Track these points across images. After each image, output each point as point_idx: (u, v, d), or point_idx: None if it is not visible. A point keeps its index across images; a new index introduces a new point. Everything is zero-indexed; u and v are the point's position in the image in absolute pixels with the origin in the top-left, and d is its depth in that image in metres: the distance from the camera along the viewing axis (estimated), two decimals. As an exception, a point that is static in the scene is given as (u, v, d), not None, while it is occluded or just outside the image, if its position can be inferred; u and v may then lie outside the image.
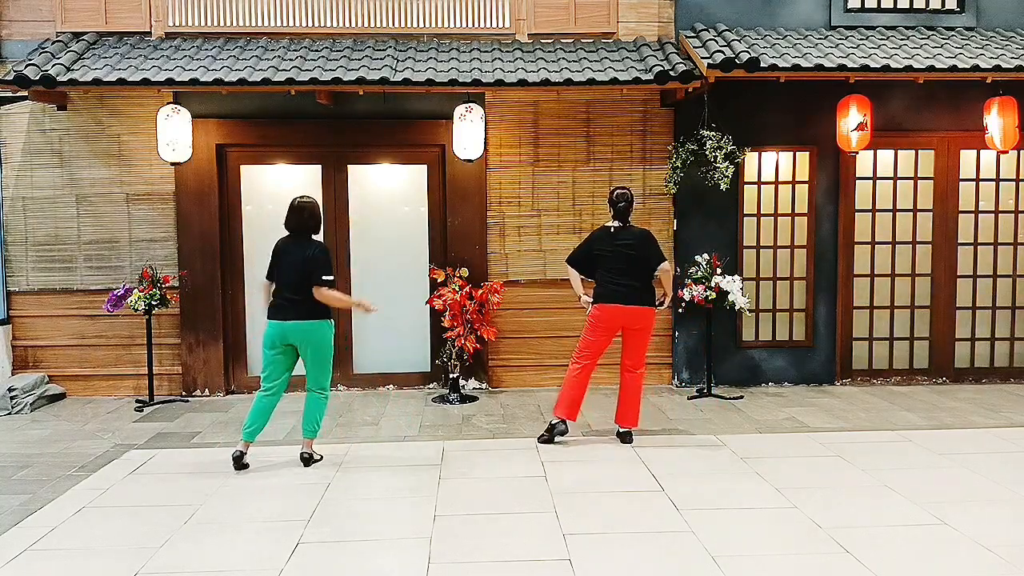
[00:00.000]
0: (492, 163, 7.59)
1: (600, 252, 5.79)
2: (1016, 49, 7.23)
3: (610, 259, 5.73)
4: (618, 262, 5.71)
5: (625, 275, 5.70)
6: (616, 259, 5.72)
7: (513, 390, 7.65)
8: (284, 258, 5.35)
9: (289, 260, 5.32)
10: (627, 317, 5.70)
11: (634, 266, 5.71)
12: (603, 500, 4.70)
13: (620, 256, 5.71)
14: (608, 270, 5.74)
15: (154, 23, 7.50)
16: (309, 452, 5.39)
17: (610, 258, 5.73)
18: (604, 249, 5.77)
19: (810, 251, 7.80)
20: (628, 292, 5.69)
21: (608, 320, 5.72)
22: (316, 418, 5.40)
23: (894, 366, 7.95)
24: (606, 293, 5.74)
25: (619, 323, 5.73)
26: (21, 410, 6.95)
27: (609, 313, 5.70)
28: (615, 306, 5.69)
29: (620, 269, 5.71)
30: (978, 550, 3.95)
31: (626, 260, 5.70)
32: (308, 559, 3.94)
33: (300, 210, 5.38)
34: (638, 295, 5.71)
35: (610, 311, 5.70)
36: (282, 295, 5.31)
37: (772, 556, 3.92)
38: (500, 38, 7.70)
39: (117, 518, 4.49)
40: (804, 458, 5.48)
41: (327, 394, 5.44)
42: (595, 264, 5.83)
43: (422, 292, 7.68)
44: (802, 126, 7.64)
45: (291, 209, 5.41)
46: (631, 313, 5.69)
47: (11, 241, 7.46)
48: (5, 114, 7.36)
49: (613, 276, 5.72)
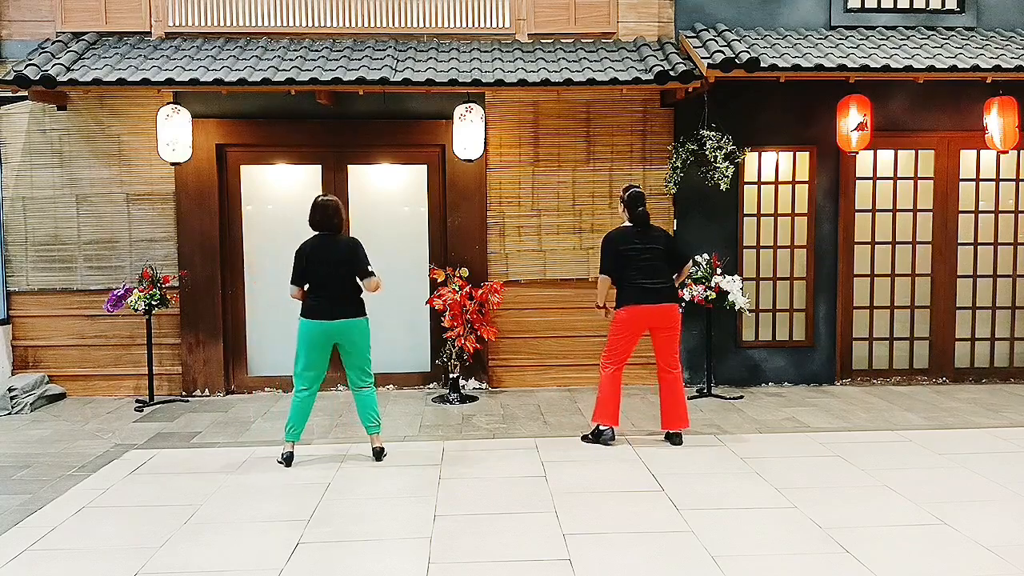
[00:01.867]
0: (492, 163, 7.59)
1: (626, 254, 5.74)
2: (1016, 49, 7.23)
3: (638, 260, 5.71)
4: (646, 262, 5.70)
5: (654, 275, 5.70)
6: (644, 259, 5.70)
7: (513, 390, 7.65)
8: (319, 256, 5.34)
9: (326, 258, 5.33)
10: (656, 317, 5.70)
11: (662, 265, 5.74)
12: (603, 500, 4.70)
13: (648, 256, 5.70)
14: (636, 271, 5.70)
15: (154, 23, 7.50)
16: (380, 446, 5.51)
17: (638, 259, 5.71)
18: (629, 250, 5.73)
19: (810, 251, 7.80)
20: (657, 292, 5.69)
21: (636, 321, 5.71)
22: (375, 413, 5.50)
23: (894, 366, 7.95)
24: (634, 294, 5.70)
25: (647, 324, 5.73)
26: (21, 410, 6.95)
27: (637, 314, 5.70)
28: (644, 307, 5.68)
29: (650, 269, 5.69)
30: (978, 550, 3.95)
31: (654, 259, 5.71)
32: (308, 559, 3.94)
33: (325, 208, 5.41)
34: (666, 294, 5.73)
35: (639, 312, 5.69)
36: (322, 294, 5.33)
37: (772, 556, 3.92)
38: (500, 38, 7.70)
39: (117, 518, 4.49)
40: (804, 458, 5.48)
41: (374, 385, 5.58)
42: (622, 267, 5.76)
43: (422, 292, 7.68)
44: (802, 126, 7.64)
45: (315, 207, 5.43)
46: (660, 312, 5.69)
47: (11, 241, 7.46)
48: (5, 114, 7.36)
49: (642, 277, 5.69)
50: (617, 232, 5.85)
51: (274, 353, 7.71)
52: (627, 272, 5.72)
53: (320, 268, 5.32)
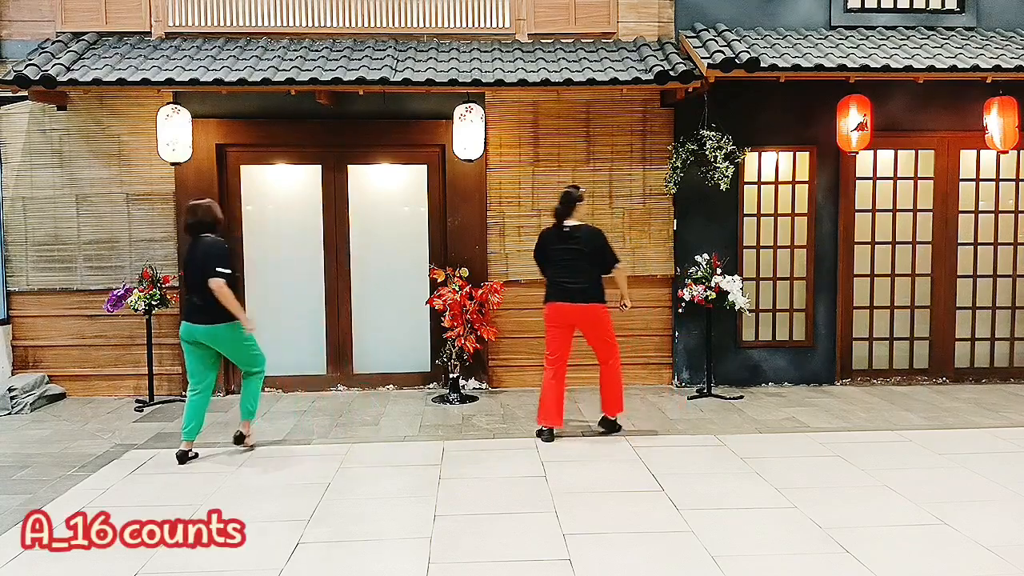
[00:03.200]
0: (492, 163, 7.59)
1: (548, 252, 5.95)
2: (1016, 49, 7.23)
3: (559, 259, 5.87)
4: (567, 262, 5.84)
5: (574, 274, 5.81)
6: (565, 259, 5.85)
7: (513, 390, 7.65)
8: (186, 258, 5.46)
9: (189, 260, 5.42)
10: (577, 315, 5.83)
11: (584, 265, 5.83)
12: (603, 500, 4.70)
13: (569, 256, 5.84)
14: (559, 269, 5.87)
15: (154, 23, 7.50)
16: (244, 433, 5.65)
17: (559, 258, 5.87)
18: (551, 250, 5.92)
19: (810, 251, 7.80)
20: (578, 291, 5.80)
21: (558, 318, 5.85)
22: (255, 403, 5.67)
23: (894, 366, 7.95)
24: (554, 292, 5.88)
25: (569, 321, 5.86)
26: (21, 410, 6.95)
27: (557, 311, 5.85)
28: (564, 304, 5.83)
29: (571, 268, 5.82)
30: (978, 550, 3.95)
31: (576, 259, 5.83)
32: (308, 559, 3.94)
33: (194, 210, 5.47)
34: (587, 294, 5.82)
35: (558, 309, 5.84)
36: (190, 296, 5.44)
37: (772, 556, 3.92)
38: (500, 38, 7.70)
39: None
40: (804, 458, 5.48)
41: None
42: (546, 265, 6.00)
43: (422, 292, 7.67)
44: (802, 126, 7.64)
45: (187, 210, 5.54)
46: (580, 311, 5.81)
47: (11, 241, 7.46)
48: (5, 114, 7.36)
49: (562, 275, 5.84)
50: (544, 231, 6.08)
51: (273, 353, 7.68)
52: (549, 270, 5.96)
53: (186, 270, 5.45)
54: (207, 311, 5.30)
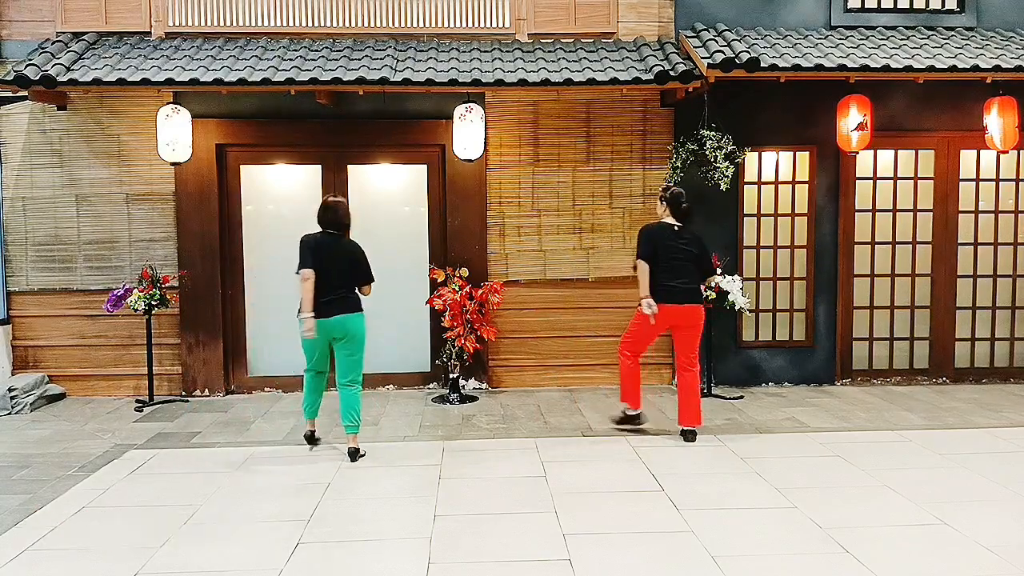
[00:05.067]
0: (492, 163, 7.59)
1: (660, 250, 5.83)
2: (1016, 49, 7.23)
3: (669, 258, 5.80)
4: (677, 262, 5.81)
5: (681, 275, 5.80)
6: (676, 259, 5.81)
7: (513, 390, 7.65)
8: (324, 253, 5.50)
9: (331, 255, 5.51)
10: (678, 316, 5.80)
11: (691, 266, 5.86)
12: (603, 500, 4.70)
13: (681, 256, 5.81)
14: (665, 269, 5.79)
15: (154, 23, 7.50)
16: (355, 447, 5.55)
17: (670, 257, 5.81)
18: (663, 247, 5.83)
19: (810, 251, 7.80)
20: (682, 292, 5.80)
21: (658, 317, 5.80)
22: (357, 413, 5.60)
23: (894, 366, 7.95)
24: (659, 293, 5.78)
25: (668, 322, 5.84)
26: (21, 410, 6.95)
27: (659, 312, 5.78)
28: (667, 306, 5.78)
29: (680, 269, 5.80)
30: (978, 550, 3.95)
31: (686, 260, 5.83)
32: (308, 559, 3.94)
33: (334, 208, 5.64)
34: (691, 295, 5.84)
35: (661, 310, 5.78)
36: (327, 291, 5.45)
37: (772, 556, 3.92)
38: (500, 38, 7.70)
39: (117, 518, 4.49)
40: (804, 458, 5.48)
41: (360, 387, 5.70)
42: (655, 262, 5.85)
43: (422, 292, 7.67)
44: (802, 126, 7.64)
45: (324, 207, 5.65)
46: (683, 312, 5.80)
47: (11, 241, 7.45)
48: (5, 114, 7.36)
49: (669, 275, 5.79)
50: (656, 225, 5.94)
51: (274, 353, 7.72)
52: (655, 269, 5.82)
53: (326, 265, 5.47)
54: (349, 303, 5.51)
